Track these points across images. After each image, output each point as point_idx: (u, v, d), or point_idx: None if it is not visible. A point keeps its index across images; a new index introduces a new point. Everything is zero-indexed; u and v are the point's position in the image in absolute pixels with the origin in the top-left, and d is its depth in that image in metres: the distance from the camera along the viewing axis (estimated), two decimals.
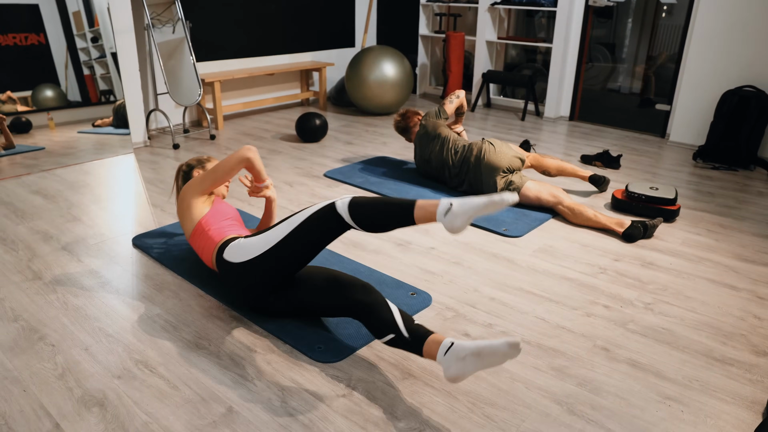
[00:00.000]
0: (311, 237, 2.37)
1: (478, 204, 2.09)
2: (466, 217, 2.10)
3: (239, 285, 2.53)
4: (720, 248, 3.40)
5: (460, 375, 2.02)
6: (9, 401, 2.10)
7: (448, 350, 2.05)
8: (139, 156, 5.10)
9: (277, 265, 2.42)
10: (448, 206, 2.13)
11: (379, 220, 2.26)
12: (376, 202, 2.27)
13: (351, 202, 2.28)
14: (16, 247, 3.32)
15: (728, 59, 5.12)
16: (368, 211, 2.26)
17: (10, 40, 4.54)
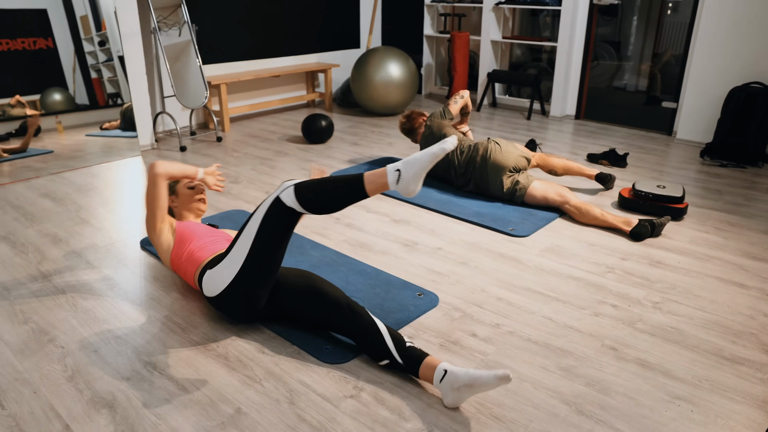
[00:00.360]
0: (272, 241, 2.30)
1: (423, 162, 2.11)
2: (417, 178, 2.13)
3: (230, 310, 2.50)
4: (729, 246, 3.38)
5: (456, 402, 2.08)
6: (20, 403, 2.12)
7: (443, 378, 2.09)
8: (147, 158, 5.12)
9: (254, 281, 2.37)
10: (397, 174, 2.14)
11: (330, 201, 2.20)
12: (323, 184, 2.21)
13: (296, 190, 2.21)
14: (26, 249, 3.33)
15: (734, 56, 5.10)
16: (317, 195, 2.20)
17: (19, 45, 4.56)
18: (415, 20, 7.78)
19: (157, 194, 2.73)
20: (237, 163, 4.96)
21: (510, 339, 2.49)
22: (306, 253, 3.26)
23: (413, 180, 2.13)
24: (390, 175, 2.15)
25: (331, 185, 2.20)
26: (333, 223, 3.70)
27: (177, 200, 2.99)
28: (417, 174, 2.13)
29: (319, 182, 2.21)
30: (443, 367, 2.12)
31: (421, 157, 2.11)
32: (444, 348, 2.43)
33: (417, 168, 2.12)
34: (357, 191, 2.18)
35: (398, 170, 2.14)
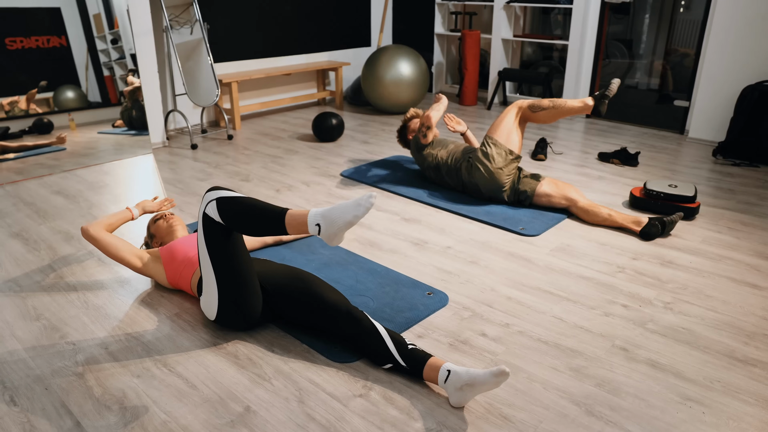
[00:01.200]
0: (227, 256, 2.28)
1: (340, 224, 2.07)
2: (336, 235, 2.10)
3: (234, 327, 2.51)
4: (741, 246, 3.36)
5: (461, 402, 2.09)
6: (31, 399, 2.13)
7: (447, 379, 2.10)
8: (158, 156, 5.14)
9: (237, 294, 2.36)
10: (317, 228, 2.10)
11: (249, 224, 2.16)
12: (246, 205, 2.15)
13: (217, 203, 2.17)
14: (38, 246, 3.36)
15: (748, 54, 5.07)
16: (237, 214, 2.16)
17: (33, 43, 4.59)
18: (426, 18, 7.77)
19: (106, 245, 2.77)
20: (248, 161, 4.97)
21: (520, 339, 2.49)
22: (316, 252, 3.27)
23: (334, 236, 2.10)
24: (310, 226, 2.11)
25: (254, 209, 2.15)
26: None
27: (157, 239, 3.01)
28: (335, 233, 2.09)
29: (242, 202, 2.16)
30: (447, 367, 2.12)
31: (339, 217, 2.07)
32: (453, 347, 2.43)
33: (335, 229, 2.08)
34: (276, 225, 2.14)
35: (318, 225, 2.10)
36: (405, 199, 4.08)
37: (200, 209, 2.24)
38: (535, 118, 3.79)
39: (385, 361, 2.25)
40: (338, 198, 4.09)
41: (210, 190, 2.25)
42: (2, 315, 2.67)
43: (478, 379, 2.02)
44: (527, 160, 5.00)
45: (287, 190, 4.27)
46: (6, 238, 3.47)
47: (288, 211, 2.14)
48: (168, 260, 2.75)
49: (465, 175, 3.97)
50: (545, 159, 4.98)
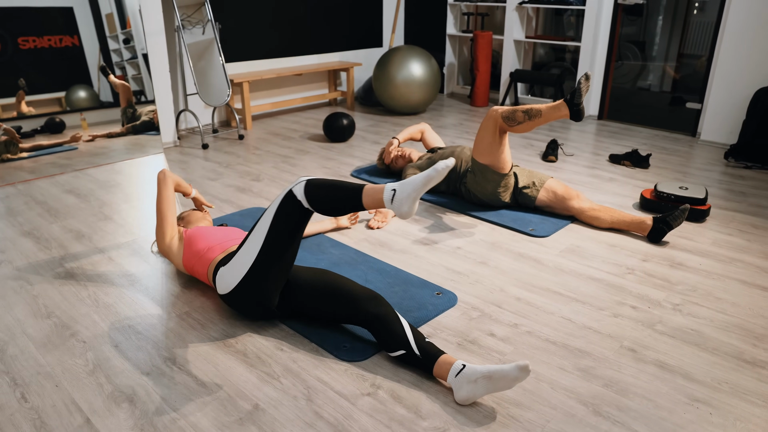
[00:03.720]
0: (284, 236, 2.32)
1: (416, 184, 2.12)
2: (410, 200, 2.13)
3: (244, 307, 2.52)
4: (752, 249, 3.34)
5: (470, 397, 2.08)
6: (42, 396, 2.15)
7: (459, 373, 2.12)
8: (169, 156, 5.17)
9: (265, 277, 2.38)
10: (392, 192, 2.16)
11: (330, 202, 2.23)
12: (330, 185, 2.23)
13: (306, 185, 2.25)
14: (49, 245, 3.38)
15: (761, 57, 5.04)
16: (321, 194, 2.23)
17: (45, 42, 4.62)
18: (438, 19, 7.77)
19: (167, 195, 2.87)
20: (258, 161, 4.99)
21: (528, 339, 2.49)
22: (326, 251, 3.28)
23: (407, 200, 2.13)
24: (386, 192, 2.17)
25: (336, 188, 2.22)
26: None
27: (185, 222, 3.16)
28: (410, 195, 2.13)
29: (328, 183, 2.24)
30: (462, 363, 2.14)
31: (416, 179, 2.13)
32: (462, 347, 2.43)
33: (410, 189, 2.13)
34: (354, 200, 2.20)
35: (394, 189, 2.16)
36: None
37: (287, 189, 2.30)
38: (513, 130, 3.52)
39: (399, 347, 2.26)
40: None
41: (302, 177, 2.35)
42: (13, 313, 2.70)
43: (498, 372, 2.04)
44: (538, 161, 4.99)
45: None
46: (18, 237, 3.50)
47: (365, 187, 2.21)
48: (189, 242, 2.80)
49: (465, 194, 3.96)
50: (556, 160, 4.97)
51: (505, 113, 3.44)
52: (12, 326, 2.59)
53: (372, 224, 3.63)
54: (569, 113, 3.32)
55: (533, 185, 3.75)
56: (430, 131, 4.60)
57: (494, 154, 3.57)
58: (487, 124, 3.53)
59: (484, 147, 3.58)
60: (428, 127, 4.62)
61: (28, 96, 4.60)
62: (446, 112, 6.93)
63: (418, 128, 4.56)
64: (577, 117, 3.31)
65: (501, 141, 3.54)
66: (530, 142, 5.61)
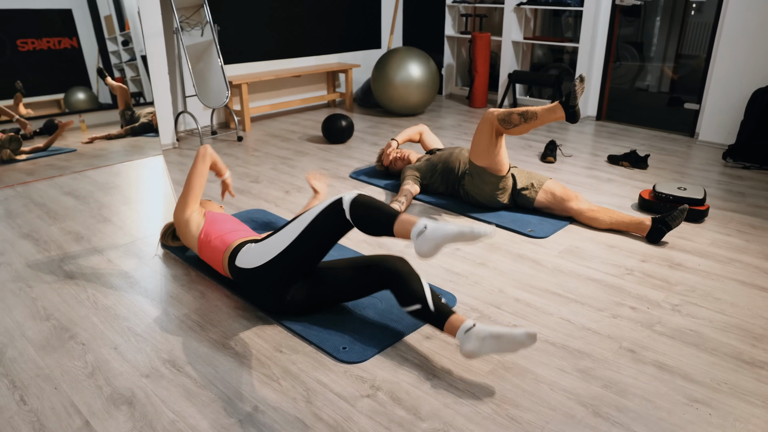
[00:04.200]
0: (321, 235, 2.40)
1: (448, 233, 2.10)
2: (433, 244, 2.11)
3: (257, 289, 2.56)
4: (750, 249, 3.35)
5: (476, 352, 2.20)
6: (41, 398, 2.15)
7: (469, 330, 2.23)
8: (168, 158, 5.17)
9: (292, 265, 2.46)
10: (423, 228, 2.15)
11: (371, 224, 2.29)
12: (372, 206, 2.29)
13: (354, 198, 2.31)
14: (48, 247, 3.38)
15: (759, 57, 5.05)
16: (363, 213, 2.29)
17: (44, 44, 4.62)
18: (437, 21, 7.78)
19: (202, 170, 2.96)
20: (257, 163, 4.99)
21: None
22: None
23: (431, 243, 2.11)
24: (418, 225, 2.17)
25: (376, 209, 2.28)
26: None
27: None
28: (437, 240, 2.11)
29: (372, 202, 2.30)
30: (473, 321, 2.28)
31: (451, 228, 2.11)
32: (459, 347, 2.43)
33: (440, 234, 2.11)
34: (387, 224, 2.26)
35: (426, 226, 2.15)
36: (414, 201, 4.09)
37: (338, 196, 2.38)
38: (509, 133, 3.52)
39: (415, 301, 2.35)
40: None
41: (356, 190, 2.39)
42: (12, 315, 2.70)
43: (507, 334, 2.15)
44: (536, 162, 4.99)
45: (296, 191, 4.29)
46: (17, 239, 3.50)
47: (399, 215, 2.26)
48: (213, 220, 2.91)
49: (463, 195, 3.96)
50: (554, 161, 4.97)
51: (500, 116, 3.44)
52: (11, 328, 2.59)
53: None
54: (565, 115, 3.32)
55: (532, 186, 3.75)
56: (428, 133, 4.61)
57: (491, 156, 3.57)
58: (484, 127, 3.53)
59: (481, 149, 3.58)
60: (426, 128, 4.62)
61: (26, 98, 4.60)
62: (445, 113, 6.94)
63: (416, 130, 4.56)
64: (572, 119, 3.31)
65: (497, 143, 3.54)
66: (529, 143, 5.62)
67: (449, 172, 4.01)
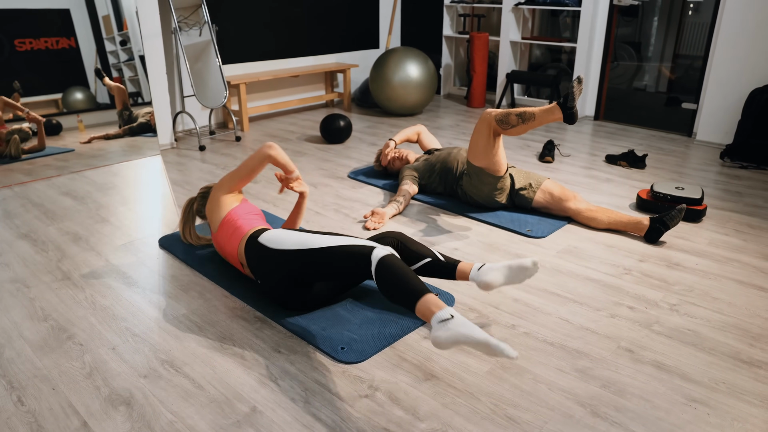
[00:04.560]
0: (340, 264, 2.38)
1: (473, 335, 1.91)
2: (453, 337, 1.94)
3: (270, 271, 2.56)
4: (748, 249, 3.35)
5: (492, 282, 2.44)
6: (39, 399, 2.15)
7: (481, 267, 2.50)
8: (166, 158, 5.17)
9: (304, 268, 2.46)
10: (448, 317, 1.99)
11: (394, 291, 2.19)
12: (401, 273, 2.19)
13: (385, 257, 2.24)
14: (46, 247, 3.38)
15: (756, 57, 5.05)
16: (390, 278, 2.20)
17: (42, 44, 4.62)
18: (435, 21, 7.78)
19: (254, 169, 2.97)
20: None
21: (526, 340, 2.49)
22: None
23: (451, 338, 1.95)
24: (441, 312, 2.01)
25: (404, 278, 2.17)
26: (350, 223, 3.71)
27: None
28: (457, 337, 1.94)
29: (401, 269, 2.20)
30: (483, 262, 2.57)
31: (476, 332, 1.91)
32: (459, 348, 2.43)
33: (463, 332, 1.93)
34: (410, 299, 2.12)
35: (452, 316, 1.99)
36: (412, 201, 4.09)
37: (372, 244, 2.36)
38: (506, 133, 3.49)
39: (425, 256, 2.62)
40: (346, 200, 4.10)
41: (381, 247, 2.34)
42: (10, 315, 2.69)
43: (516, 263, 2.44)
44: (534, 162, 4.99)
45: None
46: (14, 239, 3.49)
47: (425, 294, 2.11)
48: (247, 204, 3.00)
49: (461, 196, 3.96)
50: (552, 161, 4.97)
51: (498, 116, 3.44)
52: (9, 329, 2.58)
53: (368, 225, 3.63)
54: (563, 116, 3.32)
55: (530, 186, 3.76)
56: (426, 133, 4.61)
57: (489, 156, 3.57)
58: (481, 128, 3.52)
59: (479, 150, 3.58)
60: (424, 128, 4.62)
61: (24, 98, 4.59)
62: (443, 113, 6.94)
63: (414, 130, 4.56)
64: (570, 120, 3.30)
65: (495, 144, 3.53)
66: (527, 143, 5.62)
67: (447, 172, 4.01)
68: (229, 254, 2.84)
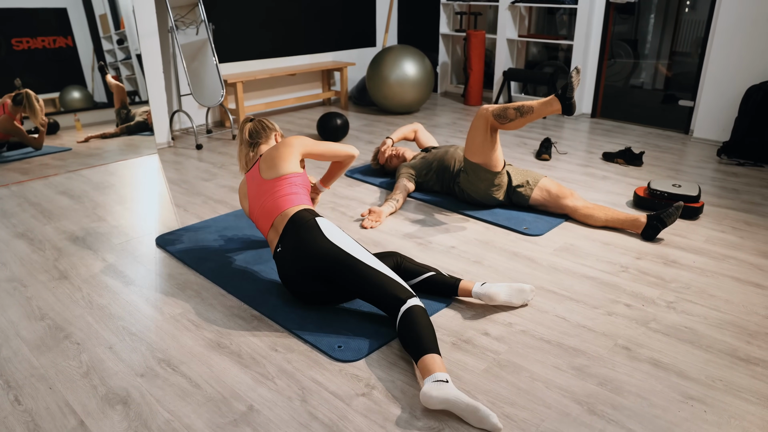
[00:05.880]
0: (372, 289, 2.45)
1: (463, 400, 1.98)
2: (444, 399, 2.00)
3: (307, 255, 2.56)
4: (745, 246, 3.35)
5: (496, 295, 2.63)
6: (35, 398, 2.14)
7: (484, 283, 2.67)
8: (163, 157, 5.16)
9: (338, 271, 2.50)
10: (443, 380, 2.07)
11: (407, 339, 2.27)
12: (421, 325, 2.27)
13: (410, 308, 2.33)
14: (43, 246, 3.37)
15: (753, 54, 5.06)
16: (408, 326, 2.29)
17: (39, 43, 4.61)
18: (431, 19, 7.77)
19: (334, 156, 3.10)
20: None
21: (522, 338, 2.49)
22: None
23: (444, 395, 2.01)
24: (440, 374, 2.09)
25: (422, 331, 2.26)
26: (347, 221, 3.71)
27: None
28: (445, 400, 2.00)
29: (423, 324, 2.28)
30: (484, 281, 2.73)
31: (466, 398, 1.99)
32: (456, 347, 2.43)
33: (454, 395, 2.00)
34: (418, 350, 2.20)
35: (447, 380, 2.07)
36: (408, 199, 4.09)
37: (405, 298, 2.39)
38: (504, 128, 3.50)
39: (428, 270, 2.77)
40: (342, 198, 4.10)
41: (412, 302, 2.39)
42: (7, 315, 2.69)
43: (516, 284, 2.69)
44: (531, 160, 4.99)
45: None
46: (11, 238, 3.49)
47: (427, 354, 2.17)
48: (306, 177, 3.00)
49: (458, 193, 3.96)
50: (549, 159, 4.97)
51: (496, 111, 3.44)
52: (5, 328, 2.58)
53: (366, 224, 3.63)
54: (561, 108, 3.31)
55: (527, 184, 3.76)
56: (423, 131, 4.61)
57: (486, 152, 3.57)
58: (478, 123, 3.52)
59: (476, 146, 3.58)
60: (421, 126, 4.62)
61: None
62: (440, 111, 6.94)
63: (411, 128, 4.56)
64: (568, 111, 3.30)
65: (493, 139, 3.53)
66: (524, 140, 5.62)
67: (444, 170, 4.01)
68: (269, 210, 2.78)
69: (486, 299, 2.65)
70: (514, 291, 2.67)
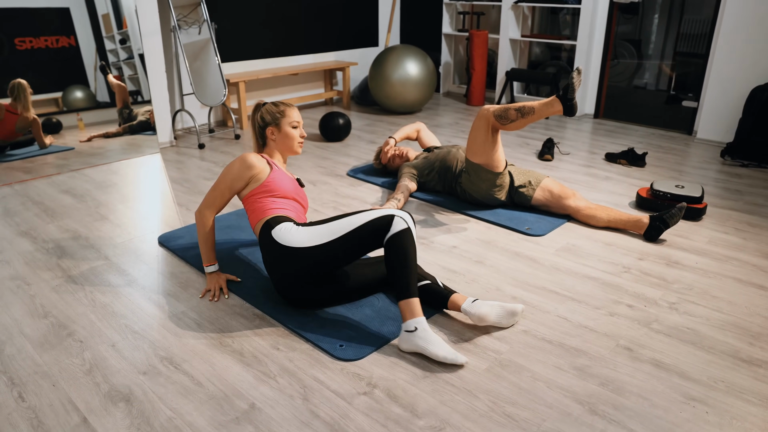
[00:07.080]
0: (361, 244, 2.47)
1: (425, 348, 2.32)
2: (411, 345, 2.35)
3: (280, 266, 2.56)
4: (748, 247, 3.35)
5: (485, 315, 2.49)
6: (39, 395, 2.15)
7: (475, 300, 2.54)
8: (165, 156, 5.17)
9: (321, 261, 2.50)
10: (413, 329, 2.35)
11: (393, 271, 2.40)
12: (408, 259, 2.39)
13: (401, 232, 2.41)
14: (46, 245, 3.38)
15: (757, 55, 5.05)
16: (396, 252, 2.39)
17: (42, 43, 4.62)
18: (434, 18, 7.77)
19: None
20: None
21: (524, 338, 2.49)
22: None
23: (410, 343, 2.35)
24: (413, 321, 2.36)
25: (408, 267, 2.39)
26: None
27: (277, 135, 2.91)
28: (416, 345, 2.34)
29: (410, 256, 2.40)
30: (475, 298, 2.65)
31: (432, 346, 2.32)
32: (457, 346, 2.43)
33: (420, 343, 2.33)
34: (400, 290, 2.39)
35: (416, 328, 2.34)
36: (410, 199, 4.09)
37: (390, 213, 2.46)
38: (505, 128, 3.49)
39: (426, 279, 2.69)
40: (344, 197, 4.10)
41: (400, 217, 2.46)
42: (11, 312, 2.70)
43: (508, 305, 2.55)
44: (534, 160, 4.99)
45: None
46: (14, 237, 3.49)
47: (414, 297, 2.38)
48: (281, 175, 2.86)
49: (460, 193, 3.96)
50: (552, 159, 4.97)
51: (497, 112, 3.44)
52: (9, 326, 2.59)
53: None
54: (563, 109, 3.31)
55: (529, 184, 3.76)
56: (425, 130, 4.61)
57: (487, 153, 3.57)
58: (479, 124, 3.52)
59: (477, 146, 3.58)
60: (424, 126, 4.62)
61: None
62: (442, 111, 6.94)
63: (413, 127, 4.56)
64: (570, 112, 3.30)
65: (494, 140, 3.53)
66: (526, 141, 5.62)
67: (446, 170, 4.01)
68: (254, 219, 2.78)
69: (475, 319, 2.50)
70: (505, 313, 2.54)
